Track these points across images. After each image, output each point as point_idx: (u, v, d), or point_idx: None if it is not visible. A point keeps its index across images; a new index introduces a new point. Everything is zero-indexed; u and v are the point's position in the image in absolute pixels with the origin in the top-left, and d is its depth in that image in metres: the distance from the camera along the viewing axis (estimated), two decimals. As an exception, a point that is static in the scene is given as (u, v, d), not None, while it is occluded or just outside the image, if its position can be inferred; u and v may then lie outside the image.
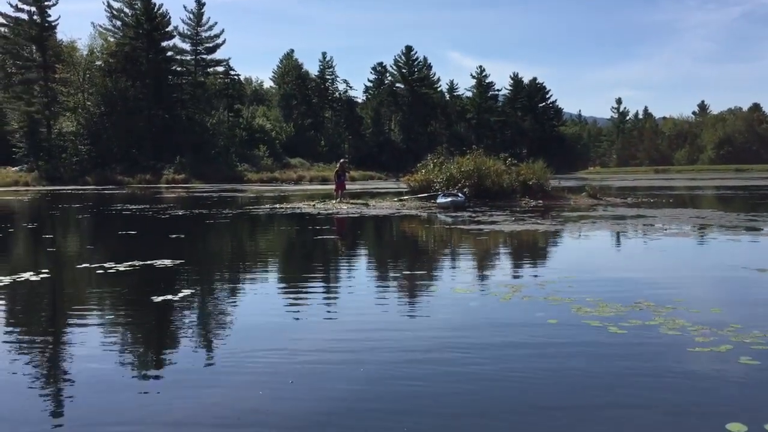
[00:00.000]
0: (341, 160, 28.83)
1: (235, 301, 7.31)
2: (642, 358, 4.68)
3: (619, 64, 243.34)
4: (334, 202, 25.28)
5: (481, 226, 15.27)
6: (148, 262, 9.63)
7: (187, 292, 7.42)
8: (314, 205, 24.60)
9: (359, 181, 67.92)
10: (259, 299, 7.33)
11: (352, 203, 24.88)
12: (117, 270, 8.99)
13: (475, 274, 8.76)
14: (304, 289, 7.77)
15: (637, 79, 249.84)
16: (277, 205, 25.04)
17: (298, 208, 23.32)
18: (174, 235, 14.23)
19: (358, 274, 9.19)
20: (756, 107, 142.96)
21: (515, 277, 8.41)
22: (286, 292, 7.79)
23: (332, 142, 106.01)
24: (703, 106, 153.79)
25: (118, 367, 4.70)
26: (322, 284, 8.34)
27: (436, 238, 14.22)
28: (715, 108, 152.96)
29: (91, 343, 5.36)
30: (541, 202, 23.98)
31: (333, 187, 27.32)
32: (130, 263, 9.50)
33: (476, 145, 33.01)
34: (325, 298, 7.22)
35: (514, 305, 6.49)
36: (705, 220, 16.55)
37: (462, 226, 15.72)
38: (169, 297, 7.09)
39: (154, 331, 5.95)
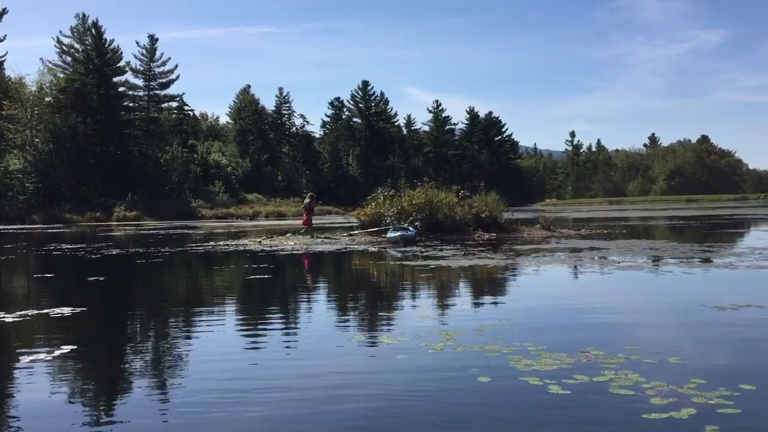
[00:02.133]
0: (309, 194, 27.97)
1: (119, 358, 6.27)
2: (587, 430, 3.83)
3: (573, 98, 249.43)
4: (301, 236, 24.43)
5: (428, 262, 14.48)
6: (46, 310, 8.51)
7: (66, 349, 6.34)
8: (260, 241, 23.55)
9: (316, 216, 66.70)
10: (150, 357, 6.30)
11: (316, 237, 24.06)
12: (1, 322, 7.86)
13: (409, 318, 7.86)
14: (202, 336, 6.78)
15: (590, 113, 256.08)
16: (222, 243, 23.91)
17: (243, 245, 22.26)
18: (93, 278, 13.05)
19: (272, 321, 8.18)
20: (704, 139, 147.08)
21: (452, 321, 7.53)
22: (186, 343, 6.77)
23: (289, 177, 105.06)
24: (653, 139, 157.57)
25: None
26: (222, 330, 7.36)
27: (376, 277, 13.34)
28: (666, 140, 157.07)
29: None
30: (494, 235, 23.38)
31: (299, 221, 26.63)
32: (22, 313, 8.37)
33: (434, 179, 32.48)
34: (224, 347, 6.25)
35: (445, 358, 5.60)
36: (659, 251, 16.03)
37: (408, 262, 14.89)
38: (42, 356, 6.02)
39: None
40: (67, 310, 8.50)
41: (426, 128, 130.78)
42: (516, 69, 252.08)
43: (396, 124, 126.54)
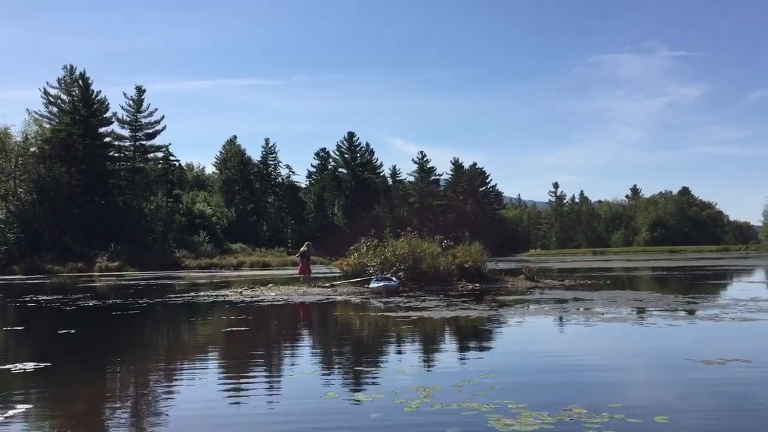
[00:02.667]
0: (306, 243, 27.75)
1: (76, 418, 5.94)
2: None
3: (556, 150, 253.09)
4: (301, 285, 24.33)
5: (410, 313, 14.22)
6: (8, 366, 8.15)
7: (21, 408, 6.00)
8: (241, 292, 23.17)
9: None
10: (109, 418, 5.98)
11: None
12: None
13: (386, 373, 7.58)
14: (171, 393, 6.46)
15: (572, 164, 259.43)
16: (203, 293, 23.49)
17: (224, 295, 21.87)
18: (64, 331, 12.64)
19: (243, 376, 7.85)
20: (685, 191, 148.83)
21: (430, 377, 7.26)
22: (152, 398, 6.45)
23: (274, 226, 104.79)
24: (635, 190, 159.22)
25: None
26: (191, 386, 7.04)
27: (355, 329, 13.05)
28: (647, 192, 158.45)
29: None
30: (478, 285, 23.16)
31: (284, 271, 26.45)
32: (-18, 368, 8.01)
33: (419, 229, 32.39)
34: (190, 404, 5.94)
35: (420, 416, 5.34)
36: (643, 302, 15.87)
37: (390, 314, 14.61)
38: (-2, 415, 5.68)
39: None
40: (30, 366, 8.15)
41: (411, 179, 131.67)
42: (499, 121, 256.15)
43: (381, 174, 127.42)
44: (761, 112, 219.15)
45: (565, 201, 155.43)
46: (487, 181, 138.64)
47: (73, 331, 12.67)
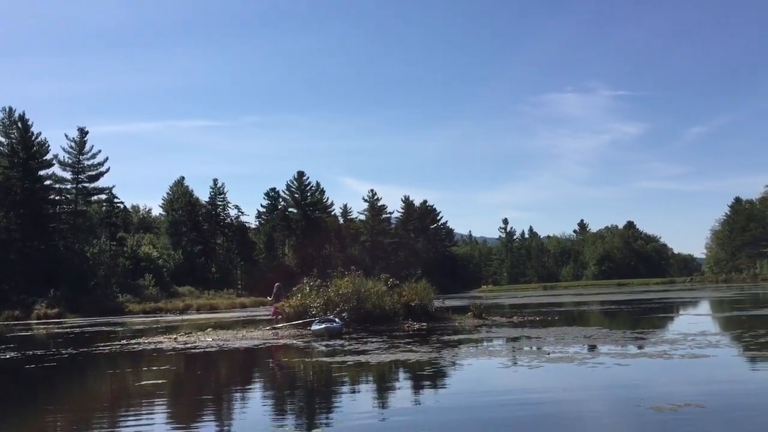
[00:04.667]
0: (276, 284, 26.60)
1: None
2: None
3: (504, 187, 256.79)
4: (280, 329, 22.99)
5: (348, 358, 13.36)
6: None
7: None
8: (175, 338, 21.90)
9: (249, 307, 64.60)
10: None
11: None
12: None
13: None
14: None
15: (521, 201, 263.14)
16: (134, 341, 22.12)
17: (156, 342, 20.61)
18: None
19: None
20: (630, 225, 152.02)
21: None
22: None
23: (224, 268, 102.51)
24: (582, 225, 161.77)
25: None
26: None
27: (283, 378, 12.06)
28: (594, 226, 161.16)
29: None
30: (424, 324, 22.46)
31: (231, 314, 25.36)
32: None
33: (371, 267, 31.65)
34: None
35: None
36: (591, 338, 15.35)
37: (326, 359, 13.75)
38: None
39: None
40: None
41: (362, 217, 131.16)
42: (449, 159, 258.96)
43: (332, 213, 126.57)
44: (698, 148, 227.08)
45: (515, 237, 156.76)
46: (438, 218, 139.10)
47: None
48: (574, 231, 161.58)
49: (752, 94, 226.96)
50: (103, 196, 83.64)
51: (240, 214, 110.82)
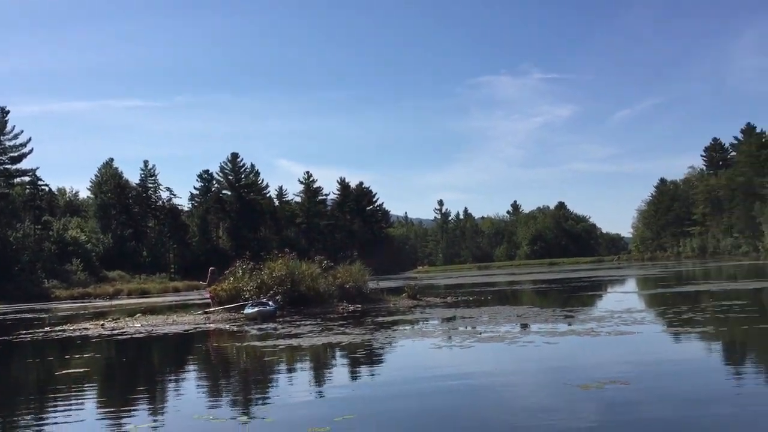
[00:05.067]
0: (210, 269, 25.85)
1: None
2: None
3: (440, 169, 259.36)
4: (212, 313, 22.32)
5: (280, 342, 13.15)
6: None
7: None
8: (102, 324, 21.16)
9: (183, 291, 63.28)
10: None
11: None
12: None
13: (228, 420, 6.51)
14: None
15: (456, 182, 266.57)
16: (59, 328, 21.26)
17: (82, 329, 19.87)
18: None
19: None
20: (561, 206, 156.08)
21: (276, 424, 6.24)
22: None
23: (155, 252, 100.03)
24: (516, 206, 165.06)
25: None
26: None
27: (213, 364, 11.74)
28: (527, 207, 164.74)
29: None
30: (359, 306, 22.39)
31: (164, 298, 24.61)
32: None
33: (307, 249, 31.35)
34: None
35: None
36: (522, 317, 15.58)
37: (257, 343, 13.50)
38: None
39: None
40: None
41: (298, 199, 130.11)
42: (385, 141, 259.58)
43: (267, 195, 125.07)
44: (626, 131, 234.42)
45: (450, 218, 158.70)
46: (374, 200, 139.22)
47: None
48: (508, 212, 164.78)
49: (677, 79, 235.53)
50: (27, 179, 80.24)
51: (172, 196, 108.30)
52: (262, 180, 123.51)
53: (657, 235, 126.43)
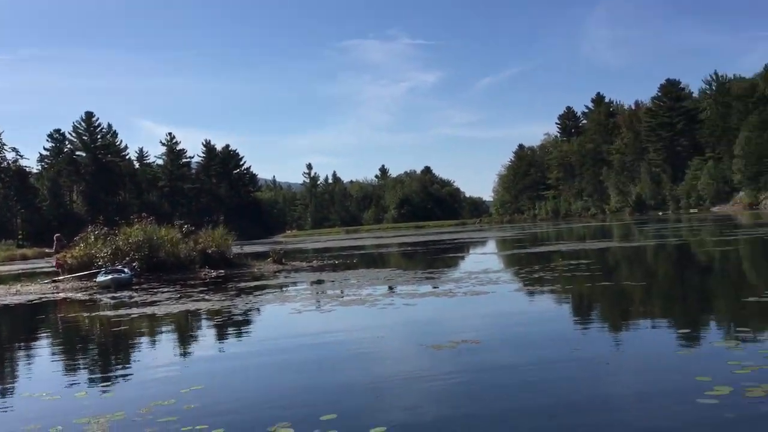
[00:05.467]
0: (56, 236, 23.92)
1: None
2: None
3: (309, 132, 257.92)
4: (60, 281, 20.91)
5: (135, 310, 12.50)
6: None
7: None
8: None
9: (32, 259, 58.91)
10: None
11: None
12: None
13: (61, 397, 6.03)
14: None
15: (325, 146, 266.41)
16: None
17: None
18: None
19: None
20: (427, 170, 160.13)
21: (115, 398, 5.85)
22: None
23: (1, 217, 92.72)
24: (384, 170, 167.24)
25: None
26: None
27: (56, 336, 10.94)
28: (394, 172, 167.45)
29: None
30: (222, 272, 21.81)
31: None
32: None
33: (171, 214, 29.98)
34: None
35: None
36: (384, 280, 15.75)
37: (109, 312, 12.77)
38: None
39: None
40: None
41: (160, 162, 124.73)
42: (253, 103, 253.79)
43: (127, 157, 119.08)
44: (489, 98, 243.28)
45: (319, 182, 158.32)
46: (241, 163, 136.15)
47: None
48: (376, 176, 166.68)
49: (536, 49, 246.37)
50: None
51: (19, 157, 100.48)
52: (121, 141, 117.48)
53: (515, 198, 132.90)
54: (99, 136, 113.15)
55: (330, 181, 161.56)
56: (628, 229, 41.97)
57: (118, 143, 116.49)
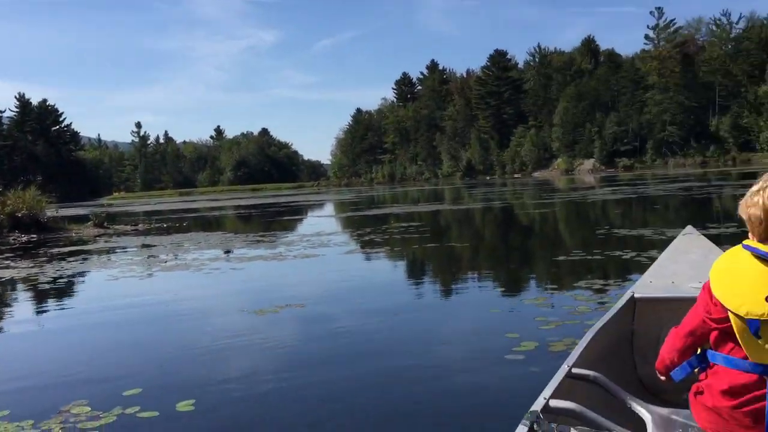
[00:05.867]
0: None
1: None
2: None
3: (137, 89, 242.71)
4: None
5: None
6: None
7: None
8: None
9: None
10: None
11: None
12: None
13: None
14: None
15: (156, 104, 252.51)
16: None
17: None
18: None
19: None
20: (265, 132, 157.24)
21: None
22: None
23: None
24: (219, 131, 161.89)
25: None
26: None
27: None
28: (230, 133, 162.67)
29: None
30: (34, 236, 20.03)
31: None
32: None
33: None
34: None
35: None
36: (213, 244, 15.22)
37: None
38: None
39: None
40: None
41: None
42: (74, 54, 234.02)
43: None
44: (328, 60, 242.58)
45: (149, 142, 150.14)
46: (61, 119, 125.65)
47: None
48: (211, 137, 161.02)
49: (374, 14, 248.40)
50: None
51: None
52: None
53: (353, 162, 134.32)
54: None
55: (161, 140, 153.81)
56: (458, 193, 43.88)
57: None
